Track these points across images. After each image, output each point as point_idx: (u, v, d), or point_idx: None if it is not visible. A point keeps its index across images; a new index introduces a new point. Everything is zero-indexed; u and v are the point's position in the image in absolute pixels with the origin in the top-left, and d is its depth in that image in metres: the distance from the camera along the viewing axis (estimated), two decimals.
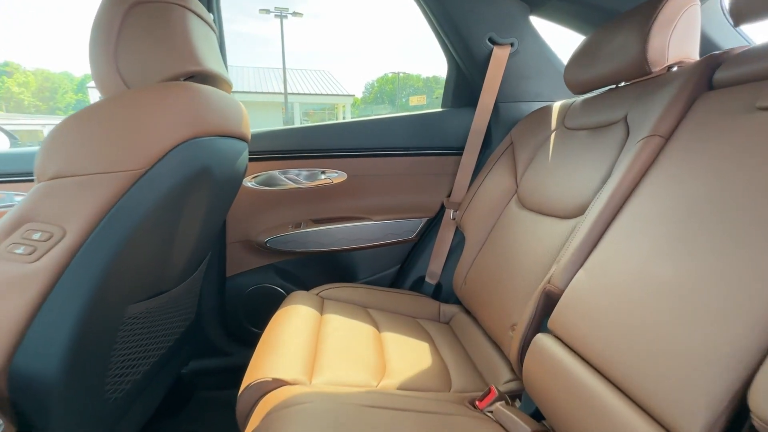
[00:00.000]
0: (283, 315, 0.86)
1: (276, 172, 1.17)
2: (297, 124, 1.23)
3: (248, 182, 1.17)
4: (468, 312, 1.01)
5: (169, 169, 0.60)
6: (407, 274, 1.24)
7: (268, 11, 17.22)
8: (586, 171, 0.74)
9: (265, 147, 1.16)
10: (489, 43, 1.09)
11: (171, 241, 0.71)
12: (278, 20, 16.79)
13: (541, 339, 0.60)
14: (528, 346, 0.64)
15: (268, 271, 1.24)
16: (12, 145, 1.27)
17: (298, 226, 1.19)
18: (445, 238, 1.18)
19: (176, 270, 0.79)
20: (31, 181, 0.64)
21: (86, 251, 0.55)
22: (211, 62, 0.73)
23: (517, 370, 0.69)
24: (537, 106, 1.10)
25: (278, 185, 1.18)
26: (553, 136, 0.92)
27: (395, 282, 1.27)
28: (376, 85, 46.52)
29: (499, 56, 1.09)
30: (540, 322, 0.65)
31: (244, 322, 1.25)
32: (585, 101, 0.87)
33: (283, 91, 16.99)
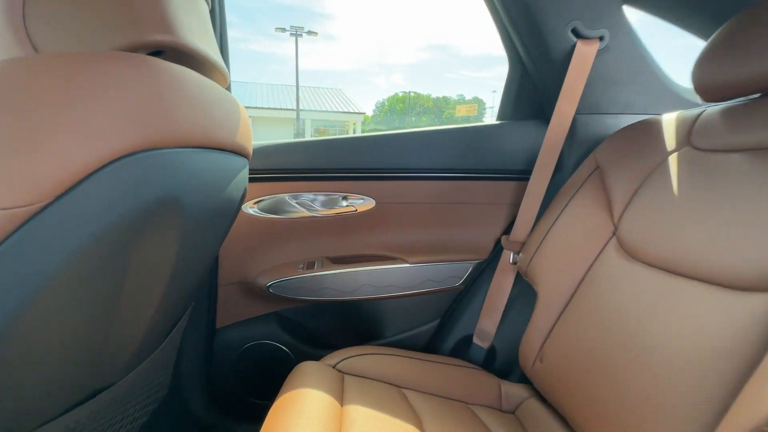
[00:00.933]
0: (286, 407, 0.58)
1: (285, 197, 0.92)
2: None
3: (249, 208, 0.90)
4: (542, 398, 0.73)
5: (92, 202, 0.33)
6: (449, 333, 0.95)
7: (283, 29, 17.71)
8: None
9: (271, 164, 0.90)
10: (572, 36, 0.83)
11: (110, 314, 0.44)
12: (293, 39, 17.17)
13: None
14: None
15: (269, 323, 0.97)
16: None
17: (310, 266, 0.92)
18: (501, 288, 0.90)
19: (126, 351, 0.52)
20: None
21: None
22: (194, 35, 0.47)
23: None
24: (626, 120, 0.84)
25: (287, 213, 0.92)
26: (673, 159, 0.65)
27: (433, 343, 0.98)
28: (386, 103, 46.96)
29: (585, 53, 0.83)
30: None
31: (237, 389, 0.97)
32: (729, 111, 0.60)
33: (295, 107, 17.19)
